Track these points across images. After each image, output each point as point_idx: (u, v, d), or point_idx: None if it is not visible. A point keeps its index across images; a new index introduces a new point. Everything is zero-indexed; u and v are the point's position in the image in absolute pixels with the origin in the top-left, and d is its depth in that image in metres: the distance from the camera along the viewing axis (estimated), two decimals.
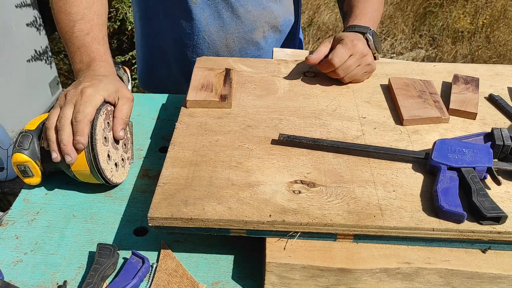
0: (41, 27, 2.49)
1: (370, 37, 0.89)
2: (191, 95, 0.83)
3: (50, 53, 2.59)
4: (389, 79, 0.89)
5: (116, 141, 0.76)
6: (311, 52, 0.89)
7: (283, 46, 1.17)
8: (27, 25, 2.35)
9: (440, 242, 0.61)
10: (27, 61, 2.36)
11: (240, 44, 1.10)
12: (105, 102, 0.74)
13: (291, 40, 1.19)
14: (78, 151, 0.69)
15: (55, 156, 0.70)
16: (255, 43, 1.12)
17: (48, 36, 2.59)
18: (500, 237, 0.59)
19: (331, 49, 0.87)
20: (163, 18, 1.09)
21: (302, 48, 1.25)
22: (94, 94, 0.71)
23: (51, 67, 2.60)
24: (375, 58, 0.91)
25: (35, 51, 2.44)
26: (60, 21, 0.86)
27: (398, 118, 0.80)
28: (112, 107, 0.76)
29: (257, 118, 0.80)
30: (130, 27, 2.62)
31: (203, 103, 0.82)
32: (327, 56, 0.86)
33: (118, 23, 2.60)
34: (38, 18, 2.46)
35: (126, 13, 2.55)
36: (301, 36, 1.25)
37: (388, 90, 0.88)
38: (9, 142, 2.00)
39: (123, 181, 0.78)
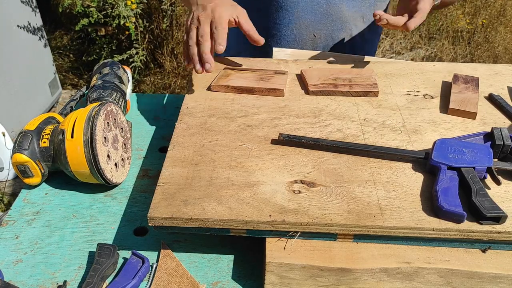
0: (42, 27, 2.49)
1: None
2: (223, 82, 0.86)
3: (50, 53, 2.59)
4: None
5: (116, 141, 0.76)
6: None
7: (365, 49, 1.18)
8: (27, 25, 2.35)
9: (440, 242, 0.61)
10: (27, 61, 2.36)
11: (326, 41, 1.10)
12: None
13: (372, 46, 1.19)
14: (211, 63, 0.80)
15: (198, 67, 0.80)
16: (340, 43, 1.12)
17: (48, 36, 2.59)
18: (500, 237, 0.59)
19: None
20: (254, 10, 1.08)
21: (374, 55, 1.25)
22: (223, 12, 0.84)
23: (51, 67, 2.60)
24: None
25: (35, 51, 2.44)
26: None
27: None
28: (112, 107, 0.76)
29: (257, 118, 0.80)
30: (122, 22, 2.60)
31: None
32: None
33: (117, 21, 2.58)
34: (38, 18, 2.46)
35: (121, 10, 2.54)
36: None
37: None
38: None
39: (123, 181, 0.78)
